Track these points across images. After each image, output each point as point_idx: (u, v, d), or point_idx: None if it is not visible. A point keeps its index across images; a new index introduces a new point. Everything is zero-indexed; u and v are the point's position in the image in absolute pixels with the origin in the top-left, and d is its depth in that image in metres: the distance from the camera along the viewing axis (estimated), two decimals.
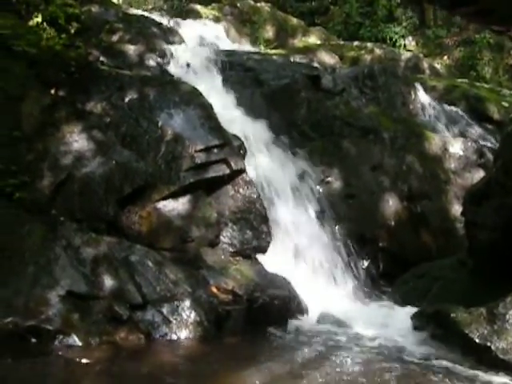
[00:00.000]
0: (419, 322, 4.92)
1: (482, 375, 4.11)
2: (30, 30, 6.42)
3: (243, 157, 5.94)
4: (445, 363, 4.31)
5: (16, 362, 3.92)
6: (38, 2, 7.03)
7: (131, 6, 12.69)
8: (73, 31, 6.90)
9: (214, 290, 4.94)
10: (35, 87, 5.70)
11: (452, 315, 4.54)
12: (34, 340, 4.21)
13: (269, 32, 11.31)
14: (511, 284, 4.52)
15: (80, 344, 4.26)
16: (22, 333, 4.19)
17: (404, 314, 5.16)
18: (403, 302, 5.52)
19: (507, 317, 4.34)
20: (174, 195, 5.38)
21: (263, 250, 5.67)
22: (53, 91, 5.83)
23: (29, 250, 4.65)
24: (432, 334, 4.75)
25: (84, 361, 4.07)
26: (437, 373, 4.13)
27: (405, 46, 12.91)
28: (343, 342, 4.75)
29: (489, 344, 4.28)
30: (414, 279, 5.99)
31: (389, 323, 5.12)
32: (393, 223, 6.78)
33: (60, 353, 4.15)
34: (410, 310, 5.18)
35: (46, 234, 4.82)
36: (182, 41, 8.54)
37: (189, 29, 9.35)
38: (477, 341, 4.33)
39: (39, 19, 6.71)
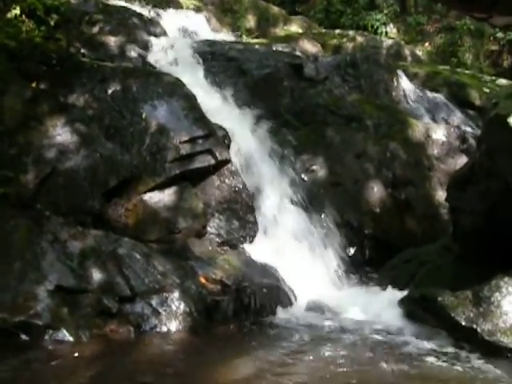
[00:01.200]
0: (406, 307, 4.98)
1: (469, 356, 4.19)
2: (9, 22, 6.33)
3: (228, 147, 5.93)
4: (433, 346, 4.38)
5: (5, 359, 3.90)
6: None
7: None
8: (52, 23, 6.82)
9: (203, 280, 4.95)
10: (16, 81, 5.63)
11: (439, 299, 4.60)
12: (23, 336, 4.20)
13: (250, 21, 11.26)
14: (496, 267, 4.59)
15: (70, 338, 4.26)
16: (10, 329, 4.18)
17: (391, 299, 5.21)
18: (390, 288, 5.57)
19: (492, 299, 4.42)
20: (160, 187, 5.37)
21: (250, 240, 5.69)
22: (34, 84, 5.76)
23: (15, 246, 4.63)
24: (419, 318, 4.81)
25: (74, 355, 4.07)
26: (425, 356, 4.20)
27: (386, 33, 12.94)
28: (332, 328, 4.80)
29: (475, 326, 4.35)
30: (400, 265, 6.04)
31: (376, 308, 5.17)
32: (378, 210, 6.82)
33: (50, 348, 4.15)
34: (397, 294, 5.23)
35: (32, 229, 4.79)
36: (163, 31, 8.47)
37: (170, 19, 9.26)
38: (463, 323, 4.40)
39: (17, 11, 6.60)
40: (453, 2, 2.82)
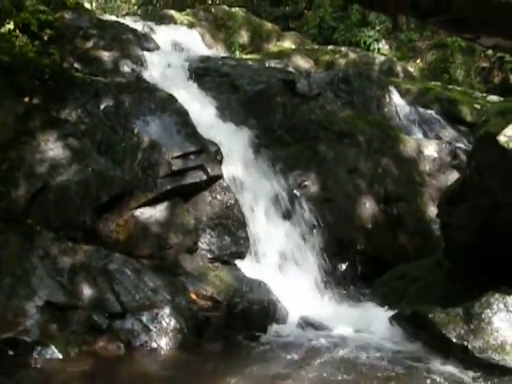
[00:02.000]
0: (398, 323, 4.97)
1: (460, 374, 4.18)
2: (3, 37, 6.36)
3: (220, 163, 5.94)
4: (424, 363, 4.36)
5: None
6: (9, 8, 6.95)
7: (105, 12, 12.59)
8: (46, 38, 6.86)
9: (194, 296, 4.93)
10: (8, 95, 5.63)
11: (430, 316, 4.60)
12: (11, 352, 4.16)
13: (243, 37, 11.32)
14: (487, 284, 4.60)
15: (59, 355, 4.23)
16: None
17: (383, 316, 5.21)
18: (382, 304, 5.57)
19: (483, 316, 4.42)
20: (152, 202, 5.36)
21: (242, 256, 5.68)
22: (27, 99, 5.76)
23: (5, 261, 4.61)
24: (411, 335, 4.81)
25: (63, 372, 4.03)
26: (417, 373, 4.19)
27: (379, 49, 13.03)
28: (323, 345, 4.77)
29: (466, 343, 4.35)
30: (391, 281, 6.05)
31: (368, 325, 5.16)
32: (370, 226, 6.84)
33: (39, 365, 4.12)
34: (389, 311, 5.23)
35: (23, 244, 4.77)
36: (156, 47, 8.49)
37: (163, 34, 9.29)
38: (454, 340, 4.40)
39: (11, 26, 6.64)
40: (442, 24, 2.87)
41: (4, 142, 5.29)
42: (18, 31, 6.63)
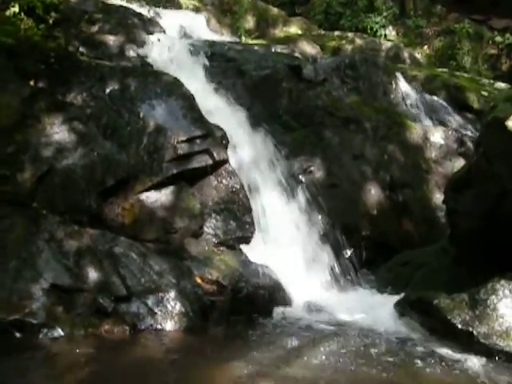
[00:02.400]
0: (403, 309, 4.98)
1: (464, 359, 4.18)
2: (7, 20, 6.32)
3: (226, 147, 5.92)
4: (429, 349, 4.37)
5: (0, 357, 3.89)
6: None
7: None
8: (51, 22, 6.82)
9: (199, 280, 4.94)
10: (13, 79, 5.60)
11: (435, 302, 4.60)
12: (18, 334, 4.19)
13: (249, 22, 11.26)
14: (492, 270, 4.59)
15: (65, 337, 4.24)
16: (5, 327, 4.16)
17: (388, 301, 5.22)
18: (387, 290, 5.58)
19: (488, 302, 4.42)
20: (157, 186, 5.35)
21: (247, 241, 5.68)
22: (32, 82, 5.74)
23: (11, 244, 4.61)
24: (416, 321, 4.81)
25: (69, 354, 4.05)
26: (421, 359, 4.20)
27: (385, 35, 12.94)
28: (328, 329, 4.79)
29: (471, 329, 4.35)
30: (397, 267, 6.05)
31: (373, 310, 5.17)
32: (375, 212, 6.82)
33: (45, 347, 4.13)
34: (394, 297, 5.23)
35: (28, 228, 4.77)
36: (162, 31, 8.45)
37: (169, 19, 9.24)
38: (459, 326, 4.40)
39: (16, 9, 6.60)
40: (452, 4, 2.82)
41: (9, 125, 5.28)
42: (23, 14, 6.59)
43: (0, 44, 5.74)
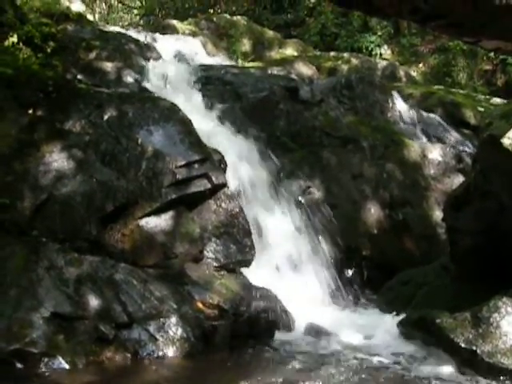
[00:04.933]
0: (405, 329, 4.95)
1: (469, 379, 4.15)
2: (6, 50, 6.39)
3: (224, 171, 5.95)
4: (433, 369, 4.34)
5: None
6: (12, 22, 7.00)
7: (107, 23, 12.68)
8: (49, 50, 6.89)
9: (200, 305, 4.92)
10: (12, 108, 5.66)
11: (437, 321, 4.58)
12: (18, 364, 4.16)
13: (246, 45, 11.37)
14: (494, 287, 4.58)
15: (66, 366, 4.21)
16: (5, 357, 4.14)
17: (390, 321, 5.19)
18: (389, 310, 5.55)
19: (491, 320, 4.39)
20: (157, 212, 5.35)
21: (247, 264, 5.67)
22: (31, 111, 5.79)
23: (11, 273, 4.60)
24: (418, 340, 4.78)
25: (71, 383, 4.03)
26: (426, 379, 4.16)
27: (381, 54, 13.06)
28: (331, 352, 4.77)
29: (474, 348, 4.32)
30: (398, 286, 6.03)
31: (375, 331, 5.14)
32: (375, 231, 6.83)
33: (46, 376, 4.10)
34: (396, 317, 5.21)
35: (28, 256, 4.77)
36: (159, 56, 8.54)
37: (166, 44, 9.35)
38: (462, 345, 4.37)
39: (15, 39, 6.68)
40: (442, 28, 2.87)
41: (8, 154, 5.31)
42: (21, 44, 6.67)
43: None
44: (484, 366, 4.25)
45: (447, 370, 4.33)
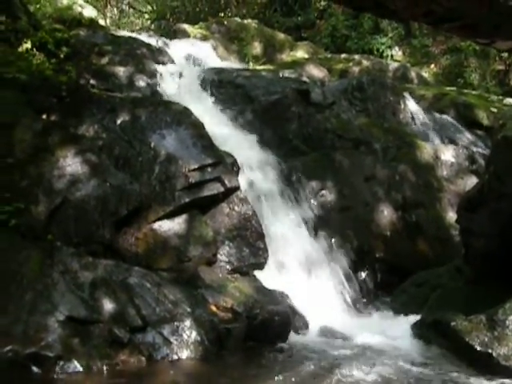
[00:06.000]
0: (420, 331, 4.94)
1: (484, 382, 4.12)
2: (20, 56, 6.47)
3: (237, 174, 5.96)
4: (447, 372, 4.32)
5: None
6: (26, 28, 7.08)
7: (119, 28, 12.75)
8: (62, 56, 6.96)
9: (214, 308, 4.93)
10: (27, 113, 5.72)
11: (452, 324, 4.56)
12: (34, 368, 4.18)
13: (257, 48, 11.37)
14: (509, 290, 4.55)
15: (81, 369, 4.24)
16: (22, 361, 4.16)
17: (404, 324, 5.18)
18: (403, 312, 5.54)
19: (507, 323, 4.37)
20: (170, 215, 5.38)
21: (260, 267, 5.67)
22: (44, 116, 5.85)
23: (26, 277, 4.64)
24: (433, 343, 4.76)
25: None
26: (440, 381, 4.14)
27: (392, 56, 13.01)
28: (345, 354, 4.75)
29: (490, 351, 4.30)
30: (412, 288, 6.01)
31: (389, 333, 5.13)
32: (388, 233, 6.80)
33: (62, 379, 4.13)
34: (410, 319, 5.19)
35: (43, 260, 4.81)
36: (171, 60, 8.57)
37: (177, 48, 9.37)
38: (478, 348, 4.35)
39: (28, 45, 6.76)
40: (455, 30, 2.86)
41: (23, 159, 5.36)
42: (35, 50, 6.74)
43: (14, 80, 5.87)
44: (500, 369, 4.22)
45: (462, 372, 4.30)
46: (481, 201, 5.13)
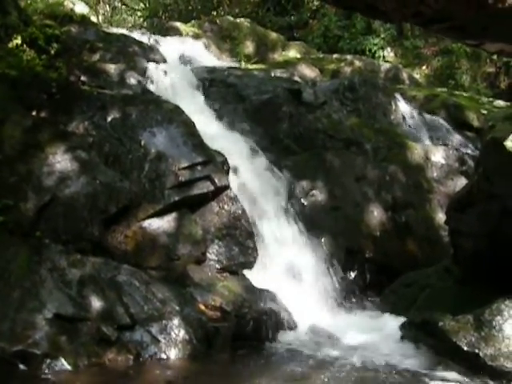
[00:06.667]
0: (408, 332, 4.94)
1: (471, 382, 4.14)
2: (10, 52, 6.42)
3: (227, 173, 5.95)
4: (435, 372, 4.34)
5: None
6: (16, 23, 7.03)
7: (111, 25, 12.70)
8: (53, 52, 6.91)
9: (202, 307, 4.93)
10: (16, 109, 5.68)
11: (440, 324, 4.57)
12: (21, 365, 4.17)
13: (249, 47, 11.35)
14: (497, 290, 4.57)
15: (69, 367, 4.23)
16: (8, 358, 4.15)
17: (392, 324, 5.18)
18: (391, 312, 5.54)
19: (494, 323, 4.38)
20: (159, 213, 5.37)
21: (250, 266, 5.67)
22: (34, 113, 5.81)
23: (14, 274, 4.62)
24: (421, 343, 4.77)
25: None
26: (427, 381, 4.15)
27: (384, 57, 13.04)
28: (333, 354, 4.76)
29: (477, 351, 4.31)
30: (401, 288, 6.02)
31: (378, 333, 5.13)
32: (378, 233, 6.81)
33: (49, 377, 4.11)
34: (399, 319, 5.20)
35: (31, 257, 4.79)
36: (162, 58, 8.53)
37: (169, 46, 9.33)
38: (465, 348, 4.36)
39: (19, 41, 6.70)
40: (444, 31, 2.87)
41: (12, 156, 5.34)
42: (25, 46, 6.69)
43: (3, 75, 5.83)
44: (487, 369, 4.24)
45: (449, 372, 4.31)
46: (470, 201, 5.15)
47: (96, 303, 4.61)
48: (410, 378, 4.24)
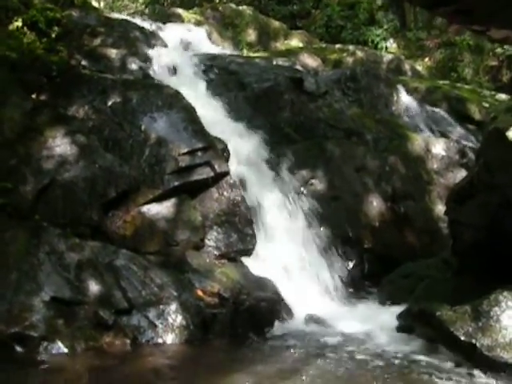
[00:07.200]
0: (405, 322, 4.94)
1: (468, 372, 4.15)
2: (11, 34, 6.39)
3: (227, 159, 5.93)
4: (431, 361, 4.34)
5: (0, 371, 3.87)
6: (17, 6, 6.98)
7: (113, 11, 12.63)
8: (54, 35, 6.89)
9: (200, 293, 4.92)
10: (16, 92, 5.65)
11: (437, 314, 4.56)
12: (18, 347, 4.17)
13: (251, 35, 11.31)
14: (495, 282, 4.56)
15: (65, 350, 4.23)
16: (5, 340, 4.15)
17: (390, 314, 5.18)
18: (389, 302, 5.55)
19: (491, 314, 4.38)
20: (159, 199, 5.36)
21: (248, 253, 5.67)
22: (34, 96, 5.78)
23: (12, 257, 4.61)
24: (418, 333, 4.77)
25: (70, 368, 4.03)
26: (424, 371, 4.16)
27: (386, 48, 12.98)
28: (330, 342, 4.76)
29: (474, 341, 4.30)
30: (399, 279, 6.01)
31: (375, 323, 5.13)
32: (377, 224, 6.80)
33: (45, 359, 4.11)
34: (396, 309, 5.20)
35: (30, 240, 4.78)
36: (164, 44, 8.50)
37: (171, 32, 9.30)
38: (462, 338, 4.36)
39: (19, 23, 6.67)
40: (450, 15, 2.84)
41: (12, 138, 5.31)
42: (26, 28, 6.66)
43: (3, 58, 5.80)
44: (483, 359, 4.23)
45: (446, 362, 4.32)
46: (470, 193, 5.13)
47: (94, 287, 4.60)
48: (405, 368, 4.24)
